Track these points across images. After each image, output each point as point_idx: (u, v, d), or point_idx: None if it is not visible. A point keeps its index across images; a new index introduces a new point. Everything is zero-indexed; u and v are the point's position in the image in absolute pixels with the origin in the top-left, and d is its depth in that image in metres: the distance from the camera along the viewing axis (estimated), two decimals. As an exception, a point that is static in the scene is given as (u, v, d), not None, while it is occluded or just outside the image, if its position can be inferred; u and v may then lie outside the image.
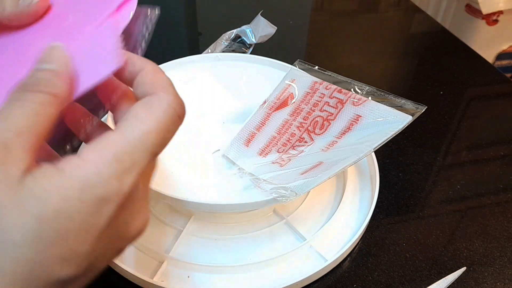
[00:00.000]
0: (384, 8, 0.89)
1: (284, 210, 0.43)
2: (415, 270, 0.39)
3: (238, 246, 0.40)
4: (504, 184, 0.49)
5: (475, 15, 1.25)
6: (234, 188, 0.39)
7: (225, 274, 0.38)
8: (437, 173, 0.50)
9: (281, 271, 0.38)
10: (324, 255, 0.39)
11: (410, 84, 0.66)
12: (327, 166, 0.36)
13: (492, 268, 0.40)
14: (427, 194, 0.47)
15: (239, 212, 0.40)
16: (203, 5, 0.87)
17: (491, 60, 1.34)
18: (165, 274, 0.37)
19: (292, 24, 0.79)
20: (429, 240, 0.42)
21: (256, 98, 0.46)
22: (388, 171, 0.49)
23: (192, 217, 0.42)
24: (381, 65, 0.71)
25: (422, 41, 0.78)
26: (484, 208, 0.46)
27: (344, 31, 0.80)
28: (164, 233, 0.41)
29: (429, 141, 0.54)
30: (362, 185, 0.46)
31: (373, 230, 0.43)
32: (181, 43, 0.59)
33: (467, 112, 0.60)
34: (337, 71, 0.44)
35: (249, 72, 0.52)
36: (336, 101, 0.41)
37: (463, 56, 0.71)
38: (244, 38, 0.69)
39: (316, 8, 0.89)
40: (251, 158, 0.41)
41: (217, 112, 0.48)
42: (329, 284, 0.38)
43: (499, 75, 0.67)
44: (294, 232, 0.41)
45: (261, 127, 0.43)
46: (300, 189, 0.35)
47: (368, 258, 0.40)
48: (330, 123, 0.40)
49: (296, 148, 0.40)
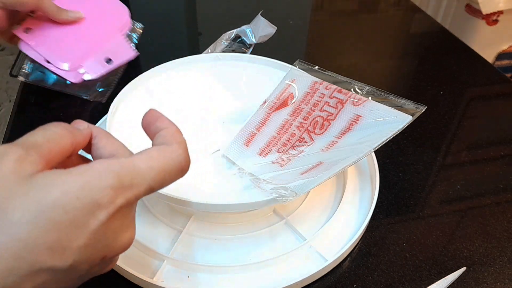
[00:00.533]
0: (384, 8, 0.89)
1: (284, 210, 0.43)
2: (415, 270, 0.39)
3: (238, 246, 0.40)
4: (504, 184, 0.49)
5: (475, 15, 1.25)
6: (234, 188, 0.39)
7: (225, 274, 0.38)
8: (437, 173, 0.50)
9: (281, 271, 0.38)
10: (324, 255, 0.39)
11: (410, 84, 0.66)
12: (327, 166, 0.36)
13: (492, 268, 0.40)
14: (427, 194, 0.47)
15: (239, 212, 0.40)
16: (203, 5, 0.87)
17: (491, 60, 1.34)
18: (165, 274, 0.37)
19: (292, 24, 0.79)
20: (429, 240, 0.42)
21: (256, 98, 0.46)
22: (388, 171, 0.49)
23: (192, 217, 0.42)
24: (381, 65, 0.71)
25: (422, 41, 0.78)
26: (484, 208, 0.46)
27: (344, 31, 0.80)
28: (164, 233, 0.41)
29: (429, 141, 0.54)
30: (362, 185, 0.46)
31: (373, 230, 0.43)
32: (181, 43, 0.60)
33: (467, 112, 0.60)
34: (337, 71, 0.44)
35: (249, 72, 0.52)
36: (336, 101, 0.41)
37: (463, 56, 0.71)
38: (244, 38, 0.69)
39: (316, 8, 0.89)
40: (251, 158, 0.41)
41: (217, 112, 0.49)
42: (329, 284, 0.38)
43: (499, 75, 0.67)
44: (294, 232, 0.41)
45: (261, 127, 0.43)
46: (300, 189, 0.35)
47: (368, 258, 0.40)
48: (330, 123, 0.40)
49: (296, 148, 0.40)
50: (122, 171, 0.23)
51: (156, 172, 0.24)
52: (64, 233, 0.20)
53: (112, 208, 0.22)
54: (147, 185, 0.24)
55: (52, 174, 0.21)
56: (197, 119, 0.48)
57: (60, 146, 0.24)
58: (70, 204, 0.21)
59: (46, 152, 0.23)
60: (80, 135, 0.26)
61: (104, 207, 0.22)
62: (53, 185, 0.21)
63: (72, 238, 0.21)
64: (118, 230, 0.23)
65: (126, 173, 0.23)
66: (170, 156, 0.25)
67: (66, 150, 0.24)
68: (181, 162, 0.25)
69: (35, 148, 0.22)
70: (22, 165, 0.21)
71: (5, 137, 0.52)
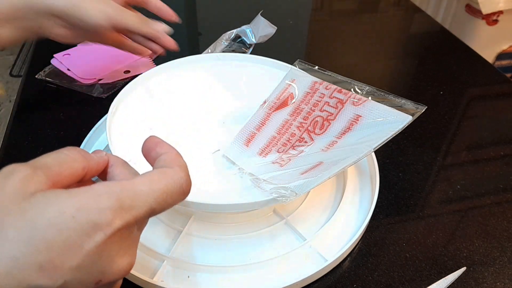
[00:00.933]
0: (384, 8, 0.89)
1: (284, 210, 0.43)
2: (415, 270, 0.39)
3: (238, 246, 0.40)
4: (504, 184, 0.49)
5: (475, 15, 1.25)
6: (234, 188, 0.39)
7: (225, 274, 0.38)
8: (437, 173, 0.50)
9: (281, 271, 0.38)
10: (324, 255, 0.39)
11: (410, 84, 0.66)
12: (327, 166, 0.36)
13: (492, 268, 0.40)
14: (427, 194, 0.47)
15: (239, 212, 0.40)
16: (203, 5, 0.87)
17: (491, 60, 1.34)
18: (165, 274, 0.37)
19: (292, 24, 0.79)
20: (429, 240, 0.42)
21: (256, 98, 0.46)
22: (388, 171, 0.49)
23: (192, 217, 0.42)
24: (381, 65, 0.71)
25: (422, 41, 0.78)
26: (484, 208, 0.46)
27: (344, 31, 0.80)
28: (164, 233, 0.41)
29: (429, 141, 0.54)
30: (362, 185, 0.46)
31: (373, 230, 0.43)
32: (181, 43, 0.60)
33: (467, 112, 0.60)
34: (337, 71, 0.44)
35: (249, 72, 0.52)
36: (336, 101, 0.41)
37: (463, 56, 0.71)
38: (244, 38, 0.69)
39: (316, 8, 0.89)
40: (251, 158, 0.41)
41: (217, 112, 0.48)
42: (329, 284, 0.38)
43: (499, 75, 0.67)
44: (294, 232, 0.41)
45: (261, 127, 0.43)
46: (300, 189, 0.35)
47: (368, 258, 0.40)
48: (330, 123, 0.40)
49: (296, 148, 0.40)
50: (123, 193, 0.22)
51: (157, 194, 0.24)
52: (56, 253, 0.20)
53: (110, 230, 0.22)
54: (148, 207, 0.23)
55: (52, 194, 0.21)
56: (197, 119, 0.48)
57: (71, 169, 0.24)
58: (65, 223, 0.20)
59: (55, 174, 0.23)
60: (94, 161, 0.26)
61: (101, 228, 0.21)
62: (51, 204, 0.21)
63: (65, 259, 0.21)
64: (115, 253, 0.23)
65: (126, 195, 0.23)
66: (172, 178, 0.25)
67: (77, 173, 0.25)
68: (182, 184, 0.25)
69: (43, 169, 0.23)
70: (27, 184, 0.21)
71: (5, 137, 0.52)
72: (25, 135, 0.52)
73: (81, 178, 0.25)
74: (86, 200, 0.21)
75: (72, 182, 0.24)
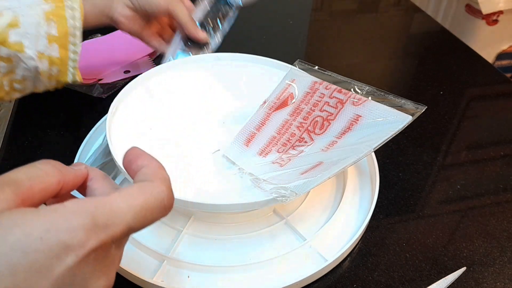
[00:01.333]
0: (384, 8, 0.89)
1: (284, 210, 0.43)
2: (415, 270, 0.39)
3: (238, 246, 0.40)
4: (504, 184, 0.49)
5: (475, 15, 1.25)
6: (234, 188, 0.39)
7: (225, 274, 0.38)
8: (437, 173, 0.50)
9: (281, 271, 0.38)
10: (324, 255, 0.39)
11: (410, 84, 0.66)
12: (327, 166, 0.36)
13: (492, 268, 0.40)
14: (427, 194, 0.47)
15: (239, 212, 0.40)
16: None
17: (491, 60, 1.34)
18: (165, 274, 0.37)
19: (292, 24, 0.79)
20: (429, 240, 0.42)
21: (256, 98, 0.46)
22: (388, 171, 0.49)
23: (192, 217, 0.42)
24: (381, 65, 0.71)
25: (422, 41, 0.78)
26: (484, 208, 0.46)
27: (344, 31, 0.80)
28: (164, 233, 0.41)
29: (429, 141, 0.54)
30: (362, 185, 0.46)
31: (373, 230, 0.43)
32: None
33: (467, 112, 0.60)
34: (337, 71, 0.44)
35: (249, 72, 0.52)
36: (336, 101, 0.41)
37: (463, 56, 0.71)
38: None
39: (316, 8, 0.89)
40: (251, 158, 0.41)
41: (217, 112, 0.48)
42: (329, 284, 0.38)
43: (499, 75, 0.67)
44: (294, 232, 0.41)
45: (261, 127, 0.43)
46: (300, 189, 0.35)
47: (368, 258, 0.40)
48: (330, 123, 0.40)
49: (296, 148, 0.40)
50: (97, 210, 0.21)
51: (135, 210, 0.22)
52: (22, 278, 0.18)
53: (82, 251, 0.20)
54: (125, 225, 0.22)
55: (18, 213, 0.20)
56: (197, 119, 0.48)
57: (43, 184, 0.22)
58: (31, 246, 0.19)
59: (25, 189, 0.21)
60: (71, 175, 0.24)
61: (72, 249, 0.19)
62: (16, 225, 0.19)
63: (32, 284, 0.19)
64: (89, 276, 0.21)
65: (101, 212, 0.21)
66: (151, 193, 0.23)
67: (50, 188, 0.23)
68: (163, 199, 0.23)
69: (11, 186, 0.21)
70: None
71: (5, 137, 0.52)
72: (25, 135, 0.52)
73: (56, 192, 0.23)
74: (55, 220, 0.19)
75: (46, 197, 0.23)
